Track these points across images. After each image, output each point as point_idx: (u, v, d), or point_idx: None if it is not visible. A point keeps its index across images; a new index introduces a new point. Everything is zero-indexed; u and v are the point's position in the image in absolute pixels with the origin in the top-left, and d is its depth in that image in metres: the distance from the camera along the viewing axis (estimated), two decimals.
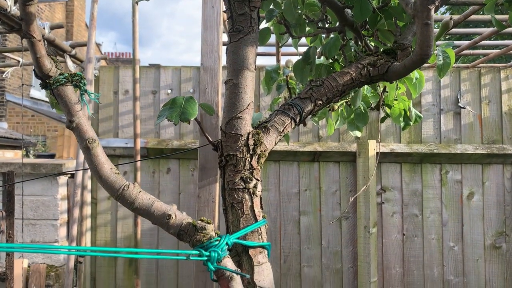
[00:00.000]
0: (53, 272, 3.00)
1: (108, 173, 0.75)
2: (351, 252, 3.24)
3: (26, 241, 3.06)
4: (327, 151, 3.22)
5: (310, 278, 3.24)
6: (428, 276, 3.22)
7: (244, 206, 0.86)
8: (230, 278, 0.75)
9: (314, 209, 3.28)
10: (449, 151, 3.20)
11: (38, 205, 3.09)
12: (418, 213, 3.25)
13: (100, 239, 3.27)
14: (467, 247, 3.23)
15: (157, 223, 0.77)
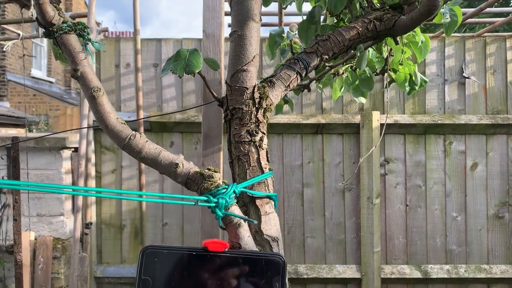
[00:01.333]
0: (60, 244, 3.03)
1: (114, 122, 0.74)
2: (354, 223, 3.27)
3: (32, 214, 3.09)
4: (330, 123, 3.21)
5: (314, 249, 3.27)
6: (431, 246, 3.25)
7: (251, 158, 0.86)
8: (238, 225, 0.75)
9: (317, 181, 3.29)
10: (453, 121, 3.19)
11: (42, 179, 3.10)
12: (422, 184, 3.26)
13: (105, 212, 3.30)
14: (470, 217, 3.25)
15: (165, 172, 0.77)
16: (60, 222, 3.09)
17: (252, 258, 0.73)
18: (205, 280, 0.71)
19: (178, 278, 0.70)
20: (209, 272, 0.71)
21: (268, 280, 0.73)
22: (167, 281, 0.70)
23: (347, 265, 3.24)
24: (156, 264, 0.71)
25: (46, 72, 11.48)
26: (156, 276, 0.70)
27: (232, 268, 0.72)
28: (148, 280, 0.70)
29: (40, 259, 2.95)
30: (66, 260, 3.04)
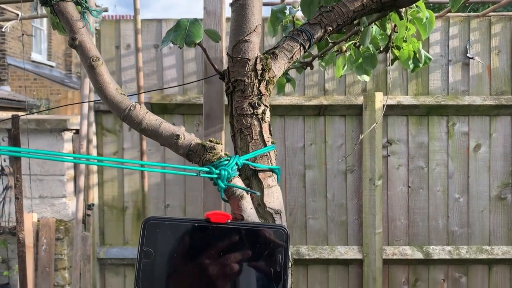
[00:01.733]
0: (62, 226, 3.05)
1: (113, 93, 0.73)
2: (356, 204, 3.26)
3: (35, 196, 3.10)
4: (332, 105, 3.18)
5: (316, 230, 3.28)
6: (433, 227, 3.25)
7: (253, 131, 0.84)
8: (240, 197, 0.74)
9: (319, 163, 3.28)
10: (457, 102, 3.16)
11: (44, 161, 3.10)
12: (424, 165, 3.25)
13: (108, 194, 3.30)
14: (472, 199, 3.24)
15: (166, 144, 0.76)
16: (63, 204, 3.09)
17: (255, 230, 0.72)
18: (208, 251, 0.70)
19: (180, 249, 0.70)
20: (212, 243, 0.70)
21: (271, 251, 0.72)
22: (169, 252, 0.69)
23: (349, 246, 3.25)
24: (157, 235, 0.70)
25: (46, 56, 11.42)
26: (158, 247, 0.70)
27: (235, 239, 0.71)
28: (150, 251, 0.69)
29: (43, 240, 2.96)
30: (69, 242, 3.06)
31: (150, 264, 0.69)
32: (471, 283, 3.26)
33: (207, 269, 0.70)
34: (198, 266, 0.70)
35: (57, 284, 3.02)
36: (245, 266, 0.71)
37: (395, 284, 3.27)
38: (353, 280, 3.26)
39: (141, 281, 0.69)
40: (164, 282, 0.69)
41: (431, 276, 3.26)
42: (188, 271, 0.70)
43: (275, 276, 0.71)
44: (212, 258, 0.70)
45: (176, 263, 0.69)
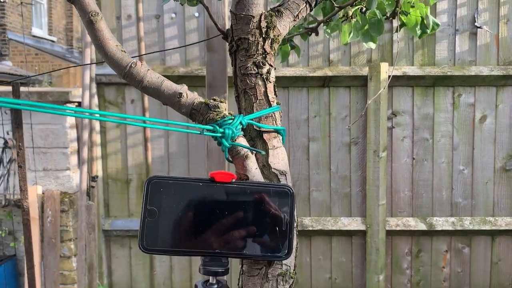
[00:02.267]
0: (67, 198, 3.06)
1: (113, 49, 0.71)
2: (360, 176, 3.26)
3: (39, 169, 3.10)
4: (337, 76, 3.14)
5: (319, 202, 3.28)
6: (437, 198, 3.25)
7: (257, 91, 0.82)
8: (245, 157, 0.73)
9: (323, 135, 3.26)
10: (463, 73, 3.11)
11: (47, 134, 3.09)
12: (429, 137, 3.22)
13: (111, 167, 3.31)
14: (476, 170, 3.23)
15: (168, 102, 0.74)
16: (67, 176, 3.10)
17: (260, 189, 0.71)
18: (212, 210, 0.69)
19: (184, 208, 0.69)
20: (216, 202, 0.69)
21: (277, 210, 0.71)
22: (174, 211, 0.69)
23: (352, 217, 3.26)
24: (161, 194, 0.69)
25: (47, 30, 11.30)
26: (162, 206, 0.69)
27: (240, 199, 0.70)
28: (154, 210, 0.68)
29: (48, 212, 2.98)
30: (74, 214, 3.08)
31: (154, 223, 0.68)
32: (474, 253, 3.28)
33: (211, 228, 0.69)
34: (203, 225, 0.69)
35: (63, 255, 3.06)
36: (250, 225, 0.70)
37: (398, 255, 3.29)
38: (356, 251, 3.29)
39: (145, 240, 0.68)
40: (169, 240, 0.68)
41: (434, 247, 3.28)
42: (192, 230, 0.69)
43: (281, 235, 0.71)
44: (217, 217, 0.69)
45: (181, 222, 0.69)
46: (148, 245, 0.68)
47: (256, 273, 0.73)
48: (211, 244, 0.69)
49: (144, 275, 3.35)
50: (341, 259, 3.30)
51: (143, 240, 0.68)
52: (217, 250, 0.69)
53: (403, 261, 3.30)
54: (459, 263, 3.29)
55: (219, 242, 0.69)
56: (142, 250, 0.68)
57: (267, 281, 0.71)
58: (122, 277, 3.36)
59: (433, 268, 3.29)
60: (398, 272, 3.30)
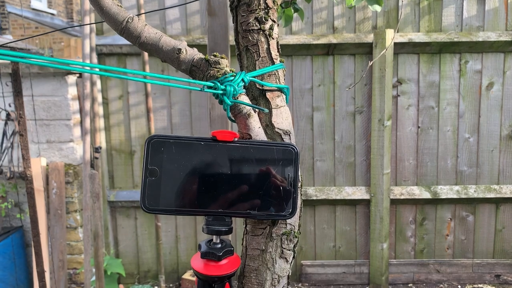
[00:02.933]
0: (71, 169, 3.07)
1: (109, 3, 0.67)
2: (364, 145, 3.24)
3: (42, 141, 3.10)
4: (342, 43, 3.08)
5: (323, 172, 3.28)
6: (441, 167, 3.23)
7: (260, 48, 0.79)
8: (247, 115, 0.70)
9: (327, 105, 3.22)
10: (470, 39, 3.04)
11: (49, 106, 3.07)
12: (434, 105, 3.18)
13: (115, 139, 3.30)
14: (482, 138, 3.20)
15: (167, 59, 0.71)
16: (70, 148, 3.10)
17: (263, 148, 0.69)
18: (214, 170, 0.68)
19: (185, 168, 0.67)
20: (218, 161, 0.68)
21: (280, 170, 0.69)
22: (175, 170, 0.67)
23: (356, 187, 3.26)
24: (162, 154, 0.67)
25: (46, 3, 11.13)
26: (163, 165, 0.67)
27: (243, 158, 0.68)
28: (155, 170, 0.67)
29: (53, 184, 3.00)
30: (78, 185, 3.09)
31: (156, 183, 0.67)
32: (478, 221, 3.28)
33: (214, 187, 0.68)
34: (205, 184, 0.68)
35: (69, 226, 3.09)
36: (253, 184, 0.68)
37: (402, 223, 3.30)
38: (360, 220, 3.30)
39: (147, 199, 0.67)
40: (171, 199, 0.67)
41: (438, 215, 3.29)
42: (194, 190, 0.67)
43: (285, 194, 0.69)
44: (219, 177, 0.68)
45: (182, 182, 0.67)
46: (150, 205, 0.67)
47: (260, 232, 0.72)
48: (214, 203, 0.68)
49: (150, 245, 3.38)
50: (345, 228, 3.32)
51: (144, 200, 0.67)
52: (220, 210, 0.68)
53: (407, 230, 3.31)
54: (463, 231, 3.30)
55: (222, 201, 0.68)
56: (144, 210, 0.67)
57: (271, 240, 0.70)
58: (128, 247, 3.40)
59: (437, 236, 3.31)
60: (402, 240, 3.32)
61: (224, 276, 0.68)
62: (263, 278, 0.70)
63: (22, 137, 1.45)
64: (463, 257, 3.32)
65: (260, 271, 0.70)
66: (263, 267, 0.70)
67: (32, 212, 1.46)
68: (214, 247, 0.69)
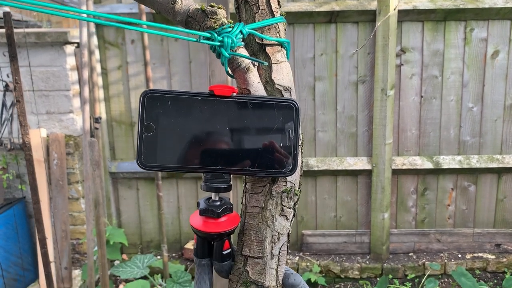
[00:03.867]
0: (72, 141, 3.05)
1: None
2: (366, 116, 3.21)
3: (41, 112, 3.07)
4: (345, 11, 3.01)
5: (325, 142, 3.26)
6: (444, 137, 3.21)
7: (259, 0, 0.75)
8: (246, 69, 0.68)
9: (329, 74, 3.17)
10: (476, 5, 2.96)
11: (48, 76, 3.04)
12: (438, 74, 3.13)
13: (115, 110, 3.27)
14: (486, 108, 3.16)
15: (162, 10, 0.68)
16: (70, 119, 3.08)
17: (263, 103, 0.67)
18: (212, 125, 0.65)
19: (182, 123, 0.65)
20: (216, 116, 0.65)
21: (280, 126, 0.67)
22: (171, 126, 0.65)
23: (358, 157, 3.25)
24: (158, 109, 0.65)
25: None
26: (159, 121, 0.65)
27: (241, 113, 0.66)
28: (151, 125, 0.65)
29: (54, 155, 2.99)
30: (79, 156, 3.09)
31: (152, 138, 0.65)
32: (480, 191, 3.28)
33: (211, 143, 0.66)
34: (202, 140, 0.66)
35: (71, 197, 3.10)
36: (252, 140, 0.66)
37: (403, 193, 3.30)
38: (361, 190, 3.30)
39: (143, 156, 0.65)
40: (168, 156, 0.65)
41: (440, 185, 3.28)
42: (191, 146, 0.65)
43: (285, 151, 0.67)
44: (217, 133, 0.66)
45: (179, 138, 0.65)
46: (146, 161, 0.65)
47: (259, 190, 0.70)
48: (212, 160, 0.66)
49: (152, 216, 3.40)
50: (346, 198, 3.33)
51: (141, 156, 0.65)
52: (219, 167, 0.66)
53: (408, 200, 3.31)
54: (465, 201, 3.30)
55: (220, 158, 0.66)
56: (140, 167, 0.65)
57: (271, 198, 0.69)
58: (131, 218, 3.42)
59: (438, 206, 3.32)
60: (403, 210, 3.33)
61: (223, 233, 0.67)
62: (262, 236, 0.68)
63: (19, 103, 1.43)
64: (464, 226, 3.33)
65: (259, 228, 0.69)
66: (263, 225, 0.69)
67: (31, 179, 1.45)
68: (213, 205, 0.67)
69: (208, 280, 0.71)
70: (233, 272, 0.71)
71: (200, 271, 0.70)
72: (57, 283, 2.96)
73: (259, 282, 0.68)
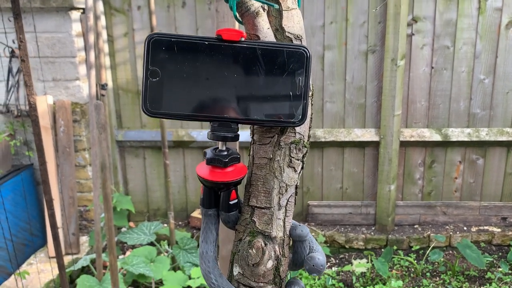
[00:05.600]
0: (79, 108, 3.05)
1: None
2: (376, 86, 3.16)
3: (48, 79, 3.06)
4: None
5: (332, 113, 3.22)
6: (454, 109, 3.16)
7: None
8: (255, 14, 0.65)
9: (339, 43, 3.12)
10: None
11: (54, 43, 3.01)
12: (450, 44, 3.06)
13: (121, 78, 3.25)
14: (498, 80, 3.10)
15: None
16: (77, 86, 3.06)
17: (272, 49, 0.64)
18: (219, 72, 0.63)
19: (188, 69, 0.63)
20: (224, 63, 0.63)
21: (290, 73, 0.65)
22: (177, 72, 0.63)
23: (366, 128, 3.22)
24: (164, 53, 0.63)
25: None
26: (165, 66, 0.63)
27: (250, 60, 0.64)
28: (156, 71, 0.62)
29: (61, 122, 2.99)
30: (86, 124, 3.08)
31: (157, 84, 0.63)
32: (488, 165, 3.25)
33: (219, 91, 0.64)
34: (209, 87, 0.63)
35: (78, 164, 3.11)
36: (261, 88, 0.64)
37: (411, 165, 3.28)
38: (368, 162, 3.28)
39: (149, 102, 0.63)
40: (174, 103, 0.63)
41: (448, 158, 3.26)
42: (198, 93, 0.63)
43: (294, 100, 0.65)
44: (225, 79, 0.63)
45: (185, 84, 0.63)
46: (152, 108, 0.63)
47: (267, 141, 0.68)
48: (219, 108, 0.64)
49: (159, 184, 3.42)
50: (353, 169, 3.31)
51: (146, 103, 0.63)
52: (226, 115, 0.64)
53: (415, 172, 3.30)
54: (472, 174, 3.28)
55: (227, 106, 0.64)
56: (145, 113, 0.63)
57: (279, 149, 0.67)
58: (138, 186, 3.44)
59: (445, 178, 3.30)
60: (410, 182, 3.32)
61: (230, 182, 0.66)
62: (270, 186, 0.67)
63: (24, 62, 1.41)
64: (470, 199, 3.32)
65: (267, 179, 0.67)
66: (271, 176, 0.67)
67: (37, 140, 1.45)
68: (220, 154, 0.66)
69: (215, 230, 0.70)
70: (239, 222, 0.70)
71: (207, 221, 0.69)
72: (65, 249, 3.01)
73: (266, 232, 0.67)
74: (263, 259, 0.66)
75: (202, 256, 0.70)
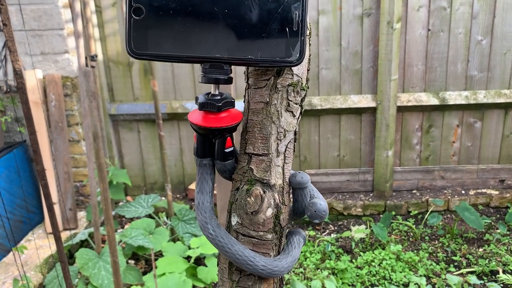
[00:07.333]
0: (69, 82, 2.98)
1: None
2: (371, 51, 3.10)
3: (36, 53, 2.98)
4: None
5: (328, 80, 3.17)
6: (451, 72, 3.12)
7: None
8: None
9: (333, 8, 3.04)
10: None
11: (40, 15, 2.91)
12: (447, 5, 2.99)
13: (111, 50, 3.17)
14: (496, 41, 3.05)
15: None
16: (66, 60, 2.98)
17: None
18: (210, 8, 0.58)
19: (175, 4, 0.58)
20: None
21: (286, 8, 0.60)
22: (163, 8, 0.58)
23: (363, 95, 3.17)
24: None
25: None
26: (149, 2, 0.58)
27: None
28: (140, 8, 0.57)
29: (52, 97, 2.92)
30: (77, 98, 3.02)
31: (142, 23, 0.58)
32: (486, 127, 3.23)
33: (209, 28, 0.59)
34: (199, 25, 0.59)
35: (72, 139, 3.06)
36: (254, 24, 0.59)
37: (408, 130, 3.25)
38: (365, 128, 3.25)
39: (133, 43, 0.58)
40: (161, 43, 0.58)
41: (445, 122, 3.23)
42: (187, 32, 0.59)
43: (291, 37, 0.60)
44: (215, 15, 0.59)
45: (172, 22, 0.58)
46: (137, 49, 0.58)
47: (263, 84, 0.64)
48: (211, 47, 0.59)
49: (155, 158, 3.38)
50: (350, 137, 3.28)
51: (130, 43, 0.58)
52: (218, 55, 0.60)
53: (413, 137, 3.27)
54: (470, 137, 3.26)
55: (219, 45, 0.59)
56: (130, 55, 0.58)
57: (276, 92, 0.63)
58: (133, 160, 3.40)
59: (443, 143, 3.28)
60: (407, 147, 3.29)
61: (224, 128, 0.62)
62: (267, 132, 0.63)
63: (6, 27, 1.35)
64: (468, 163, 3.31)
65: (264, 124, 0.63)
66: (268, 121, 0.63)
67: (25, 109, 1.40)
68: (213, 98, 0.62)
69: (211, 180, 0.66)
70: (236, 171, 0.66)
71: (202, 171, 0.66)
72: (62, 225, 2.99)
73: (264, 180, 0.63)
74: (262, 207, 0.62)
75: (198, 207, 0.66)
